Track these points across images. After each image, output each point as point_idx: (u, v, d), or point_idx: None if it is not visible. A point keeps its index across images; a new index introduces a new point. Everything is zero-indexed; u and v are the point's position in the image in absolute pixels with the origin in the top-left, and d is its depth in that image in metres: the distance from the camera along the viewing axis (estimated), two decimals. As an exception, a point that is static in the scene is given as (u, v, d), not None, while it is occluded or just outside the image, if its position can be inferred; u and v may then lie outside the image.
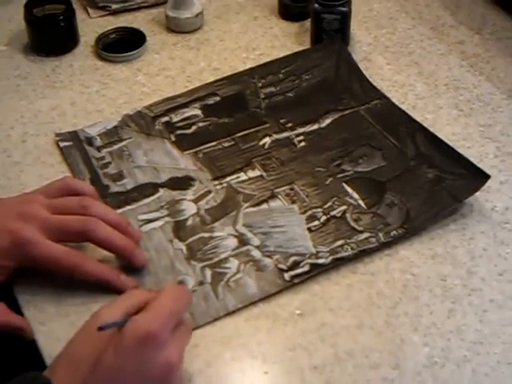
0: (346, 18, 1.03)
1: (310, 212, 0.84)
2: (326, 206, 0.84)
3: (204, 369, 0.70)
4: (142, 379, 0.63)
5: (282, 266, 0.78)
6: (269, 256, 0.79)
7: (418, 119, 0.94)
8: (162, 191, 0.86)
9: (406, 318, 0.74)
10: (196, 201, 0.85)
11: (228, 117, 0.96)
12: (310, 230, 0.82)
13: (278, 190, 0.86)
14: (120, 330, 0.63)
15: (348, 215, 0.83)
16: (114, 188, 0.87)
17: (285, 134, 0.93)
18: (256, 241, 0.81)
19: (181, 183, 0.87)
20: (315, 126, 0.94)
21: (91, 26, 1.11)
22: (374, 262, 0.79)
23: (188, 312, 0.71)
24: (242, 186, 0.87)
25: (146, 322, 0.63)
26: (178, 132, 0.94)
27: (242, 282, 0.77)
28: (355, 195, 0.85)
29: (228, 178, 0.88)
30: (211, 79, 1.01)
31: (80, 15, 1.11)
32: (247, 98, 0.98)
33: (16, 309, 0.75)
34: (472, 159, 0.87)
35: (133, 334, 0.62)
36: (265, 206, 0.84)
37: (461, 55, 1.06)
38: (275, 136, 0.93)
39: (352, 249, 0.79)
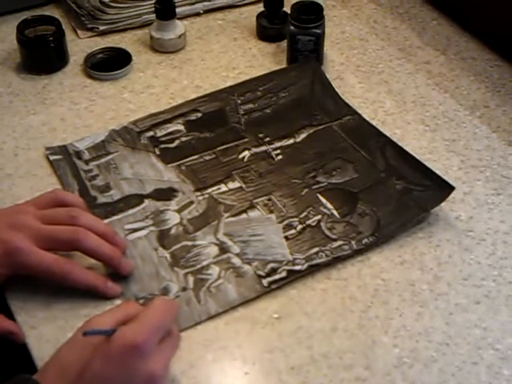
0: (319, 40, 1.03)
1: (286, 221, 0.83)
2: (301, 216, 0.84)
3: (187, 370, 0.69)
4: None
5: (260, 272, 0.78)
6: (248, 263, 0.79)
7: (388, 134, 0.94)
8: (147, 202, 0.86)
9: (377, 321, 0.74)
10: (179, 211, 0.85)
11: (209, 132, 0.95)
12: (286, 238, 0.81)
13: (256, 200, 0.86)
14: (108, 338, 0.62)
15: (322, 224, 0.83)
16: (102, 199, 0.86)
17: (263, 148, 0.93)
18: (236, 249, 0.80)
19: (165, 194, 0.87)
20: (291, 141, 0.94)
21: (80, 46, 1.11)
22: (347, 268, 0.79)
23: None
24: (222, 196, 0.86)
25: (132, 332, 0.62)
26: (162, 146, 0.93)
27: (223, 288, 0.76)
28: (329, 205, 0.85)
29: (209, 190, 0.87)
30: (193, 96, 1.01)
31: (69, 36, 1.10)
32: (227, 114, 0.98)
33: (8, 314, 0.74)
34: (438, 171, 0.87)
35: (119, 343, 0.61)
36: (244, 215, 0.84)
37: (427, 74, 1.06)
38: (254, 150, 0.93)
39: (326, 256, 0.79)
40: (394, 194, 0.85)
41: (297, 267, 0.78)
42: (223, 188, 0.87)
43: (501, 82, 1.04)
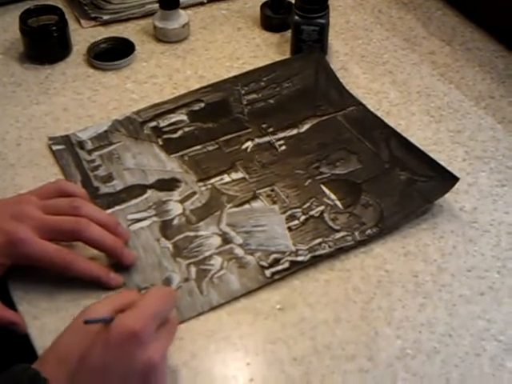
0: (324, 30, 1.03)
1: (289, 212, 0.83)
2: (304, 207, 0.84)
3: (189, 361, 0.69)
4: (125, 376, 0.62)
5: (263, 263, 0.78)
6: (251, 254, 0.79)
7: (392, 125, 0.94)
8: (149, 192, 0.86)
9: (380, 312, 0.74)
10: (182, 201, 0.84)
11: (212, 122, 0.95)
12: (289, 229, 0.81)
13: (259, 191, 0.86)
14: (106, 327, 0.62)
15: (326, 215, 0.83)
16: (104, 189, 0.86)
17: (266, 139, 0.93)
18: (239, 239, 0.80)
19: (167, 185, 0.86)
20: (295, 131, 0.94)
21: (83, 35, 1.10)
22: (350, 259, 0.79)
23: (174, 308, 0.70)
24: (225, 187, 0.86)
25: (130, 320, 0.62)
26: (165, 136, 0.93)
27: (225, 279, 0.76)
28: (332, 196, 0.85)
29: (212, 180, 0.87)
30: (197, 86, 1.00)
31: (72, 25, 1.10)
32: (231, 105, 0.98)
33: (10, 304, 0.74)
34: (442, 162, 0.87)
35: (118, 331, 0.61)
36: (247, 206, 0.84)
37: (432, 65, 1.05)
38: (257, 140, 0.93)
39: (329, 247, 0.79)
40: (397, 184, 0.85)
41: (300, 258, 0.78)
42: (226, 178, 0.87)
43: (506, 72, 1.04)
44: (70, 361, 0.62)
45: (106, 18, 1.13)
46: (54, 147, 0.91)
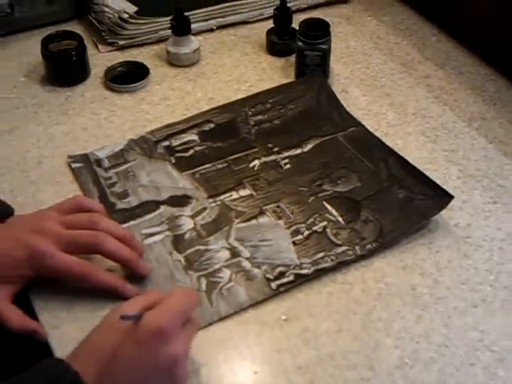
0: (325, 55, 1.02)
1: (294, 227, 0.82)
2: (308, 222, 0.83)
3: (199, 369, 0.69)
4: (153, 370, 0.62)
5: (269, 275, 0.77)
6: (257, 267, 0.78)
7: (390, 144, 0.93)
8: (162, 208, 0.85)
9: (380, 323, 0.73)
10: (193, 217, 0.84)
11: (221, 142, 0.95)
12: (294, 243, 0.81)
13: (265, 207, 0.85)
14: (135, 325, 0.62)
15: (328, 230, 0.82)
16: (120, 205, 0.85)
17: (272, 158, 0.92)
18: (246, 253, 0.80)
19: (179, 201, 0.86)
20: (299, 151, 0.93)
21: (101, 59, 1.10)
22: (351, 273, 0.78)
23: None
24: (233, 203, 0.86)
25: (158, 317, 0.62)
26: (178, 155, 0.93)
27: (234, 291, 0.76)
28: (334, 212, 0.84)
29: (221, 197, 0.87)
30: (207, 108, 1.00)
31: (91, 50, 1.10)
32: (238, 125, 0.97)
33: (32, 314, 0.74)
34: (437, 180, 0.87)
35: (146, 328, 0.62)
36: (254, 221, 0.83)
37: (427, 88, 1.05)
38: (263, 159, 0.92)
39: (332, 260, 0.78)
40: (396, 202, 0.85)
41: (304, 271, 0.77)
42: (235, 195, 0.87)
43: (497, 95, 1.03)
44: (100, 356, 0.62)
45: (121, 43, 1.12)
46: (74, 165, 0.91)
